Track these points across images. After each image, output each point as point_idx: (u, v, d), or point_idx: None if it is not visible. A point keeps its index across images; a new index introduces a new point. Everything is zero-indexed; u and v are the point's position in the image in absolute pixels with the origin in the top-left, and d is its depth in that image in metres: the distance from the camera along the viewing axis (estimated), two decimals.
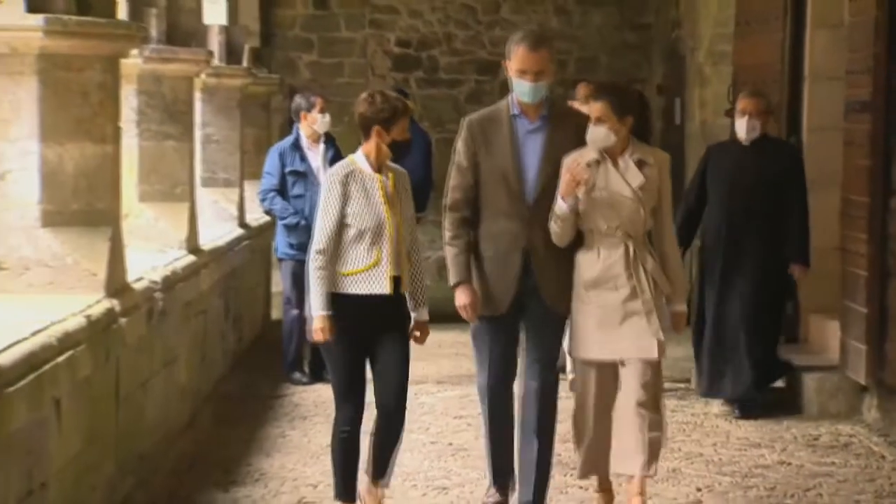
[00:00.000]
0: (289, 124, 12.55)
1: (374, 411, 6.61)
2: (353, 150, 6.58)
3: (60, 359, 5.73)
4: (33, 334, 5.60)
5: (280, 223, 10.86)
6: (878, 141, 9.07)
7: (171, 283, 8.33)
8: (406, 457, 7.92)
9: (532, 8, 16.03)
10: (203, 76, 11.10)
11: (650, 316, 6.60)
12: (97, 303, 6.61)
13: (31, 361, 5.36)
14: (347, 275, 6.48)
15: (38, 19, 6.51)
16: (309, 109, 10.82)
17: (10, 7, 6.01)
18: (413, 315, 6.74)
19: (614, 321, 6.63)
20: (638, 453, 6.60)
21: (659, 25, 16.09)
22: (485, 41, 16.09)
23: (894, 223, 8.88)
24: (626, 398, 6.65)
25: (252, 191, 12.02)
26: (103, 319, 6.55)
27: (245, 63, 13.28)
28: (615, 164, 6.68)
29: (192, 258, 9.33)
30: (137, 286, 7.55)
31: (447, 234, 6.80)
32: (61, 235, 6.81)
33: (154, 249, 9.09)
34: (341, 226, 6.46)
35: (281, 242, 10.84)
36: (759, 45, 11.53)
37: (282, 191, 10.73)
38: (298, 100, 11.20)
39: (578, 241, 6.71)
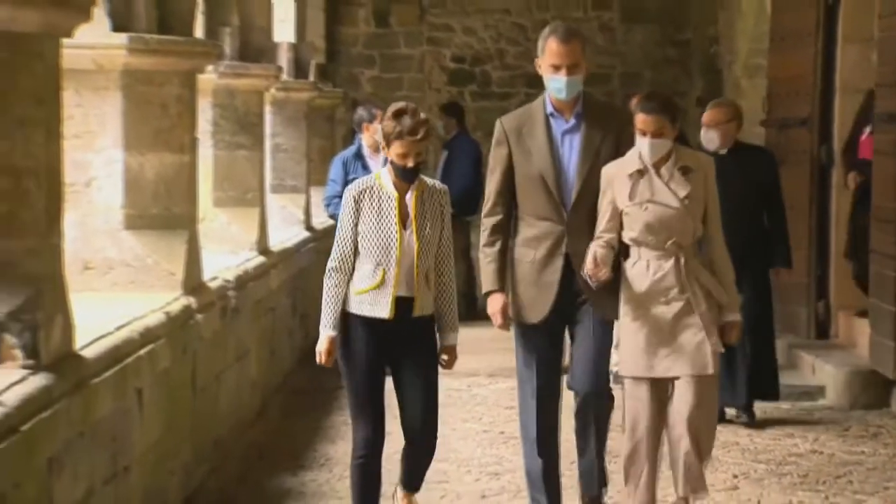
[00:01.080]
0: (351, 135, 12.59)
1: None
2: None
3: (142, 352, 5.80)
4: (117, 329, 5.66)
5: None
6: None
7: (242, 282, 8.40)
8: (460, 444, 7.96)
9: (577, 26, 15.98)
10: (273, 90, 11.15)
11: (709, 329, 5.90)
12: (175, 300, 6.68)
13: (115, 354, 5.43)
14: (357, 294, 5.78)
15: (122, 38, 6.60)
16: (370, 121, 10.84)
17: (96, 26, 6.06)
18: (440, 339, 6.01)
19: (667, 336, 5.91)
20: (683, 474, 6.00)
21: (698, 41, 16.03)
22: (533, 57, 16.04)
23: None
24: (678, 416, 5.97)
25: (317, 197, 12.04)
26: (181, 316, 6.62)
27: (311, 78, 13.31)
28: (658, 174, 5.96)
29: (262, 259, 9.39)
30: (212, 285, 7.62)
31: (482, 240, 6.20)
32: (142, 238, 6.87)
33: (227, 251, 9.13)
34: (356, 242, 5.77)
35: None
36: (792, 59, 11.48)
37: None
38: (361, 112, 11.25)
39: (623, 251, 6.03)
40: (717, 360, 5.99)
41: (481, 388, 10.03)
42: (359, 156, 10.85)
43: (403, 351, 5.84)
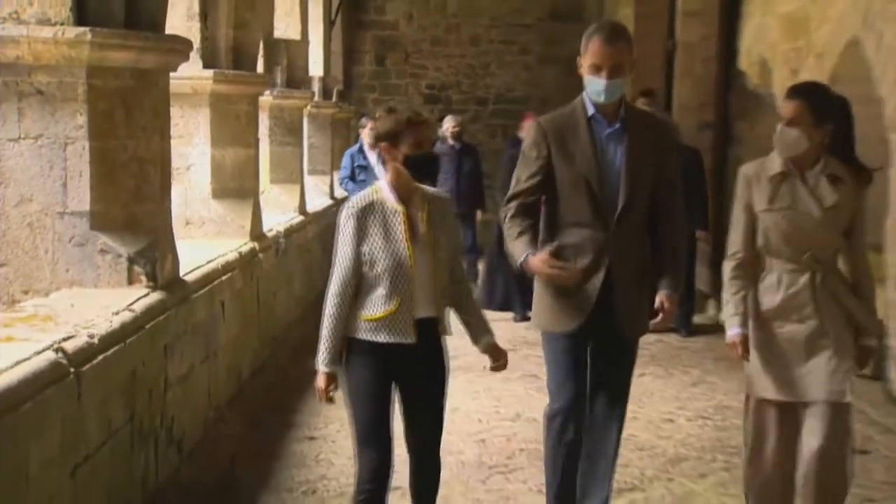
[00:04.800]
0: (357, 137, 12.60)
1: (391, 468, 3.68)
2: None
3: (224, 277, 5.83)
4: (207, 262, 5.69)
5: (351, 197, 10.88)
6: (717, 149, 9.14)
7: (289, 232, 8.40)
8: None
9: (509, 65, 16.00)
10: (309, 107, 11.14)
11: (841, 353, 3.65)
12: (245, 244, 6.69)
13: (207, 279, 5.46)
14: (368, 320, 3.50)
15: (209, 72, 6.59)
16: (364, 126, 10.89)
17: (192, 64, 6.06)
18: (480, 343, 3.70)
19: (799, 357, 3.68)
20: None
21: None
22: (480, 85, 16.06)
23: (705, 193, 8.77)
24: (808, 444, 3.66)
25: (337, 177, 12.07)
26: (249, 254, 6.63)
27: (334, 99, 13.28)
28: (803, 179, 3.65)
29: (301, 218, 9.39)
30: (269, 234, 7.62)
31: (506, 222, 3.82)
32: (223, 203, 6.86)
33: (279, 213, 9.15)
34: (359, 264, 3.50)
35: None
36: (646, 86, 11.56)
37: (352, 177, 10.80)
38: (362, 121, 11.30)
39: (757, 264, 3.77)
40: (851, 387, 3.70)
41: None
42: (361, 150, 10.88)
43: (415, 372, 3.58)
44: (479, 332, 3.71)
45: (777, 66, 8.53)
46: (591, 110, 3.78)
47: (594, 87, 3.72)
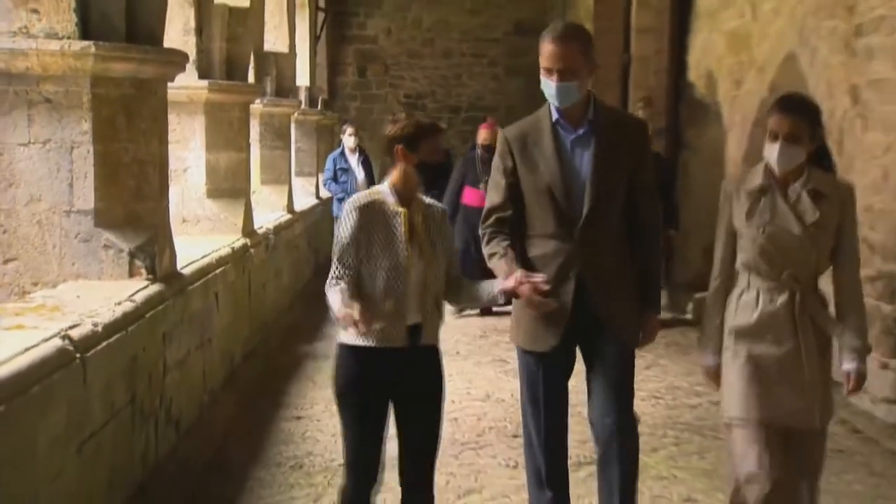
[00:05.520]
0: (339, 142, 12.61)
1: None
2: (379, 161, 5.22)
3: (218, 271, 5.80)
4: (203, 257, 5.66)
5: (335, 197, 10.91)
6: (669, 155, 9.20)
7: (278, 229, 8.37)
8: None
9: (479, 76, 16.02)
10: (296, 115, 11.11)
11: (814, 378, 3.16)
12: (237, 240, 6.65)
13: (202, 272, 5.43)
14: None
15: (204, 82, 6.55)
16: (346, 132, 10.89)
17: (188, 75, 6.03)
18: (486, 289, 3.23)
19: (769, 379, 3.18)
20: None
21: None
22: (453, 94, 16.09)
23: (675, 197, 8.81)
24: (785, 468, 3.17)
25: (322, 179, 12.07)
26: (241, 250, 6.60)
27: (319, 107, 13.25)
28: (784, 195, 3.17)
29: (290, 216, 9.37)
30: (260, 231, 7.59)
31: (483, 245, 3.39)
32: (218, 203, 6.83)
33: (269, 211, 9.12)
34: (359, 254, 3.09)
35: (335, 207, 10.83)
36: (604, 98, 11.61)
37: (335, 179, 10.80)
38: (343, 126, 11.31)
39: (731, 281, 3.31)
40: (829, 413, 3.23)
41: None
42: (342, 153, 10.89)
43: (408, 387, 3.13)
44: (478, 286, 3.25)
45: (722, 77, 8.60)
46: (555, 115, 3.33)
47: (547, 91, 3.28)
